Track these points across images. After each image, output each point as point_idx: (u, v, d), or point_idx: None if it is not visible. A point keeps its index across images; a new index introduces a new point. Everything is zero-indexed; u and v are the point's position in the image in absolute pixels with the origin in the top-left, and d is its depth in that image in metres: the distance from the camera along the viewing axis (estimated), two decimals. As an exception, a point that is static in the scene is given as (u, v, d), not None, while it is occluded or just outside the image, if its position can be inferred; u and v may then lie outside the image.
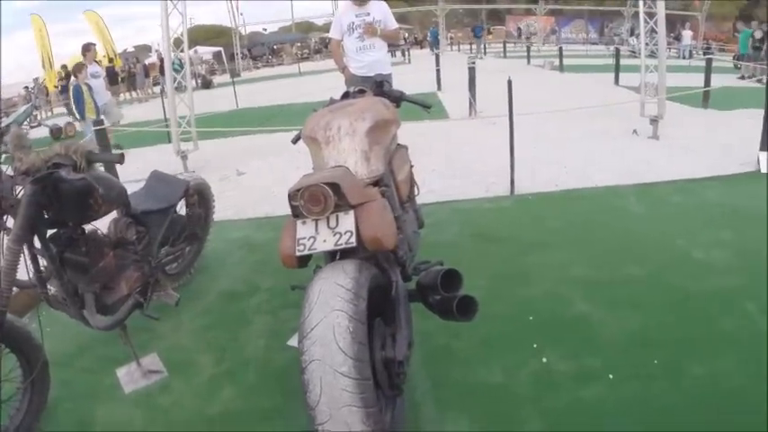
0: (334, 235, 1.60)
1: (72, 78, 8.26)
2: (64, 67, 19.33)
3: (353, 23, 4.90)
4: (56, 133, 11.57)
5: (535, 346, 2.36)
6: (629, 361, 2.23)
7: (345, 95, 2.80)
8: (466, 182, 5.03)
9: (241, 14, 32.67)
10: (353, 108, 2.18)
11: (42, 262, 2.22)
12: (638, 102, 6.78)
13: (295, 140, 2.67)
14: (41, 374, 2.13)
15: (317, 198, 1.58)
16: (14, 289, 2.31)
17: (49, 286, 2.28)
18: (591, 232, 3.64)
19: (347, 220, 1.61)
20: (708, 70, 8.62)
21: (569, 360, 2.26)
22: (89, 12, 23.95)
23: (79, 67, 8.17)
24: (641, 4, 6.40)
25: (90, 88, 7.96)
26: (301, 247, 1.61)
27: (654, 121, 6.23)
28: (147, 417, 2.24)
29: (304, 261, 1.68)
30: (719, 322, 2.45)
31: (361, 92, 2.79)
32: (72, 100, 8.02)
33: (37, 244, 2.15)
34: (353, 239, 1.59)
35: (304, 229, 1.63)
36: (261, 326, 2.82)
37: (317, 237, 1.61)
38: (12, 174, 2.05)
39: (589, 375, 2.16)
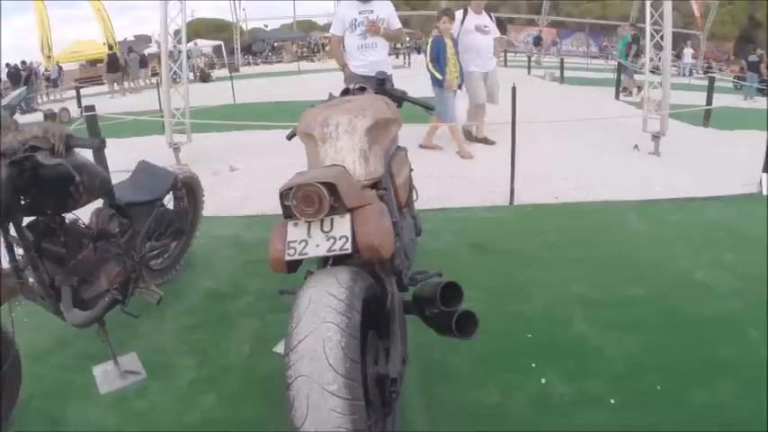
0: (328, 240, 1.47)
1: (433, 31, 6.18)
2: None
3: (356, 20, 4.77)
4: (50, 118, 11.34)
5: (534, 365, 2.25)
6: (630, 386, 2.13)
7: (345, 92, 2.70)
8: (462, 190, 4.92)
9: (243, 10, 32.25)
10: (353, 105, 2.05)
11: (18, 251, 2.06)
12: (640, 117, 6.71)
13: (290, 137, 2.55)
14: (12, 369, 2.01)
15: (310, 199, 1.44)
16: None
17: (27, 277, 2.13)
18: (590, 248, 3.54)
19: (343, 225, 1.49)
20: (710, 89, 8.60)
21: (569, 382, 2.15)
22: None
23: (451, 13, 5.96)
24: (648, 17, 6.33)
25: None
26: (291, 251, 1.48)
27: (656, 137, 6.15)
28: (121, 421, 2.10)
29: (294, 266, 1.55)
30: (721, 347, 2.37)
31: (362, 89, 2.69)
32: (429, 56, 6.02)
33: (13, 232, 1.99)
34: (348, 245, 1.46)
35: (296, 232, 1.50)
36: (246, 330, 2.69)
37: (310, 241, 1.48)
38: None
39: (590, 399, 2.06)
